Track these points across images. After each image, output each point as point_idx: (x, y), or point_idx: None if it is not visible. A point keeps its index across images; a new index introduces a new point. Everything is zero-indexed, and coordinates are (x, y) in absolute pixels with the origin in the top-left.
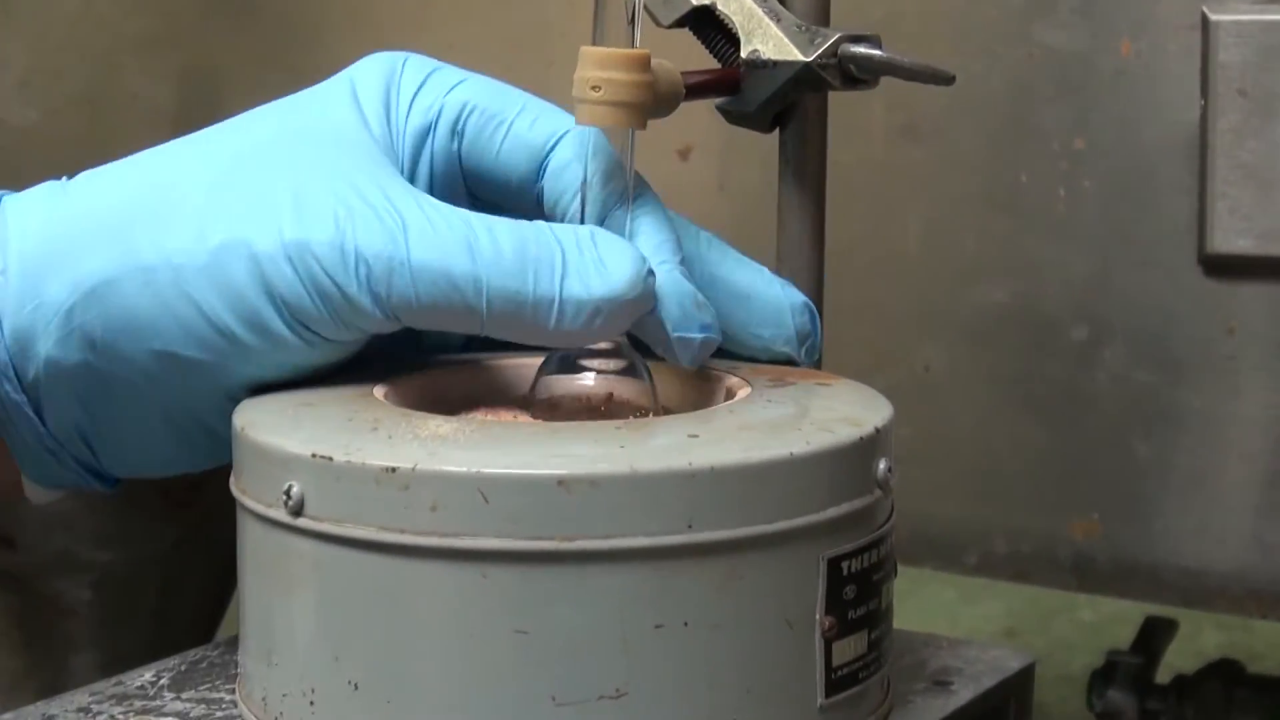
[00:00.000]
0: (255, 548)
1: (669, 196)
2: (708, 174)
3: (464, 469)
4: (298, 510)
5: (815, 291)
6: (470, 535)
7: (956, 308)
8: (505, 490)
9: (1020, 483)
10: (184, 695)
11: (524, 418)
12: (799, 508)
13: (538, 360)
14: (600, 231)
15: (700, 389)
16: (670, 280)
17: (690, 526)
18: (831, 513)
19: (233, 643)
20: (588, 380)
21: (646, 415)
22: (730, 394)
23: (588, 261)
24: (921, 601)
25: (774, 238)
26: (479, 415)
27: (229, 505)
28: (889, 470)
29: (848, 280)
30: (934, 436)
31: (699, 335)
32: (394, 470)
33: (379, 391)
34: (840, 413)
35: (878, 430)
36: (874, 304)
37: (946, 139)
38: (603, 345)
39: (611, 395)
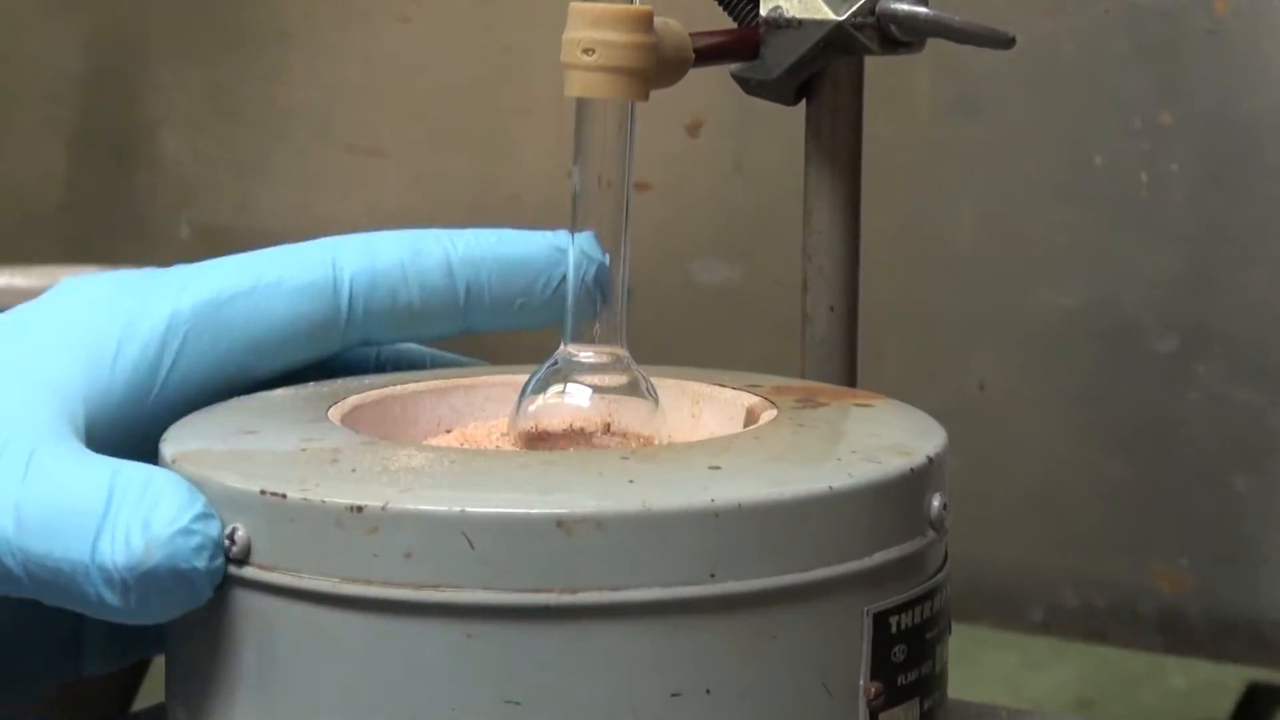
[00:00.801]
0: None
1: (675, 179)
2: (721, 153)
3: (444, 508)
4: (242, 558)
5: (848, 295)
6: (452, 587)
7: (1017, 314)
8: (494, 533)
9: (1095, 523)
10: None
11: (507, 448)
12: (840, 552)
13: (520, 378)
14: (158, 475)
15: (714, 412)
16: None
17: (713, 576)
18: (878, 558)
19: (157, 715)
20: (581, 402)
21: (654, 442)
22: (752, 417)
23: (134, 514)
24: (978, 666)
25: (799, 230)
26: (456, 443)
27: None
28: (944, 508)
29: (888, 281)
30: (990, 468)
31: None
32: (360, 510)
33: (336, 415)
34: (885, 439)
35: (930, 460)
36: (919, 309)
37: (1005, 113)
38: (600, 358)
39: (610, 424)
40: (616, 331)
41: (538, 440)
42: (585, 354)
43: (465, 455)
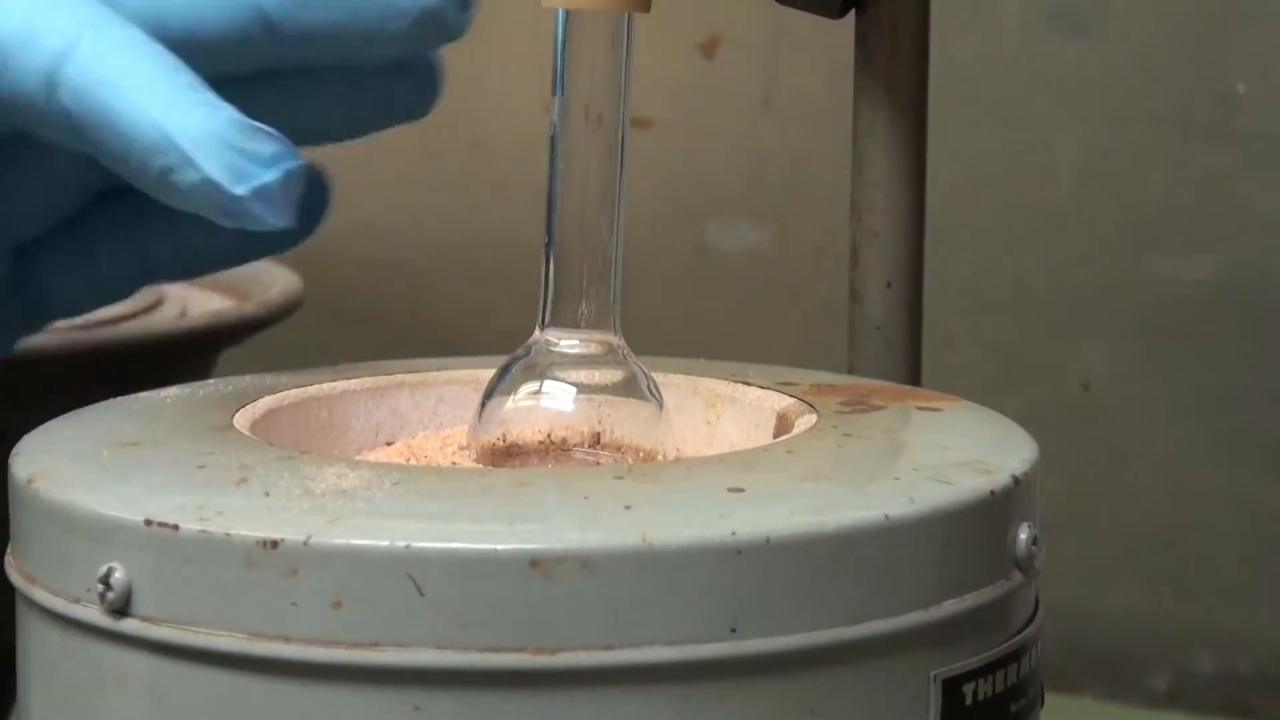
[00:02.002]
0: (50, 663)
1: (685, 113)
2: (745, 80)
3: (384, 543)
4: (121, 607)
5: (910, 267)
6: (395, 646)
7: (1132, 290)
8: (449, 575)
9: (1235, 562)
10: None
11: (464, 464)
12: (899, 601)
13: (483, 373)
14: None
15: (735, 418)
16: (194, 121)
17: (734, 631)
18: (948, 609)
19: None
20: (562, 405)
21: (657, 457)
22: (784, 425)
23: None
24: None
25: (846, 178)
26: (400, 459)
27: (4, 595)
28: (1034, 542)
29: (962, 247)
30: (1097, 491)
31: (271, 175)
32: (275, 545)
33: (243, 421)
34: (957, 453)
35: (1016, 481)
36: (1003, 285)
37: (1119, 29)
38: (587, 348)
39: (600, 433)
40: (608, 313)
41: (506, 455)
42: (568, 342)
43: (411, 474)
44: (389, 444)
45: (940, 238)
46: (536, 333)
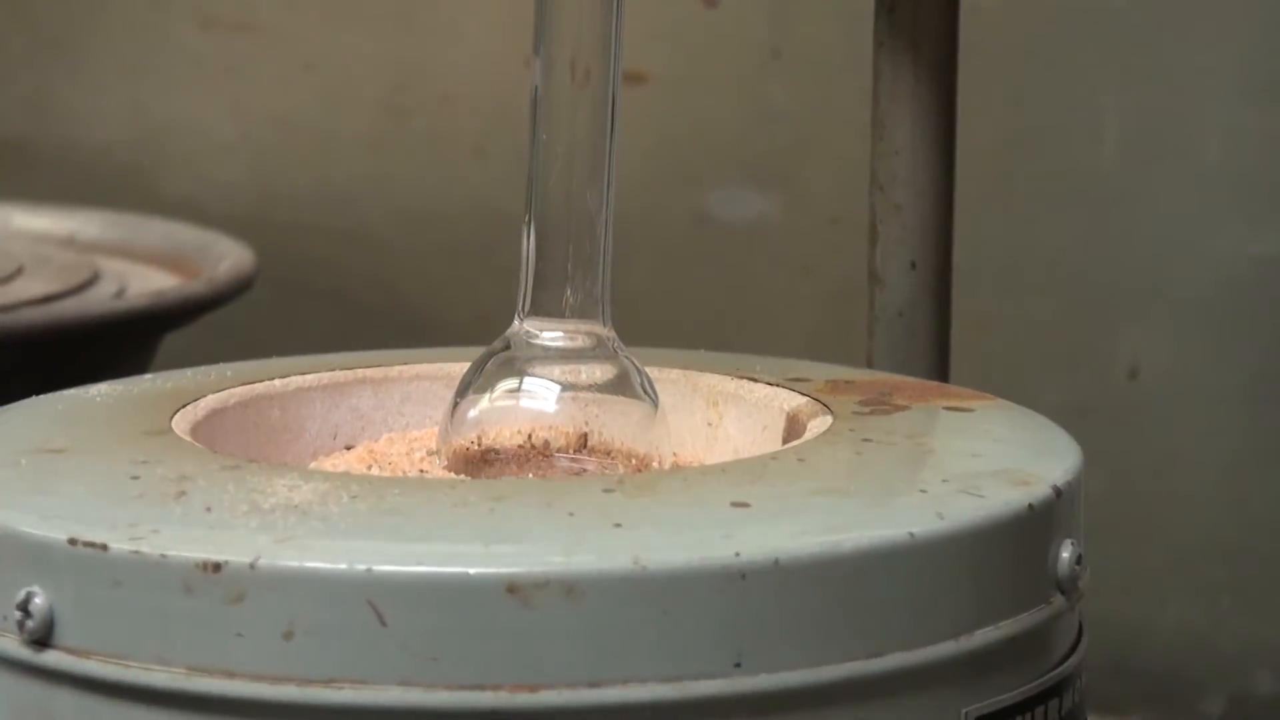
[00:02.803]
0: None
1: (685, 68)
2: (751, 29)
3: (342, 565)
4: (42, 637)
5: (938, 245)
6: (354, 683)
7: (1185, 268)
8: (415, 603)
9: None
10: None
11: (435, 473)
12: (925, 631)
13: (455, 368)
14: None
15: (740, 419)
16: None
17: (739, 666)
18: (981, 639)
19: None
20: (544, 405)
21: (651, 467)
22: (795, 427)
23: None
24: None
25: (863, 141)
26: (357, 468)
27: None
28: (1077, 562)
29: (994, 219)
30: (1145, 493)
31: None
32: (218, 568)
33: (184, 423)
34: (991, 460)
35: (1058, 492)
36: (1040, 261)
37: None
38: (573, 340)
39: (588, 435)
40: (596, 301)
41: (481, 462)
42: (551, 334)
43: (373, 486)
44: (349, 448)
45: (969, 208)
46: (516, 323)
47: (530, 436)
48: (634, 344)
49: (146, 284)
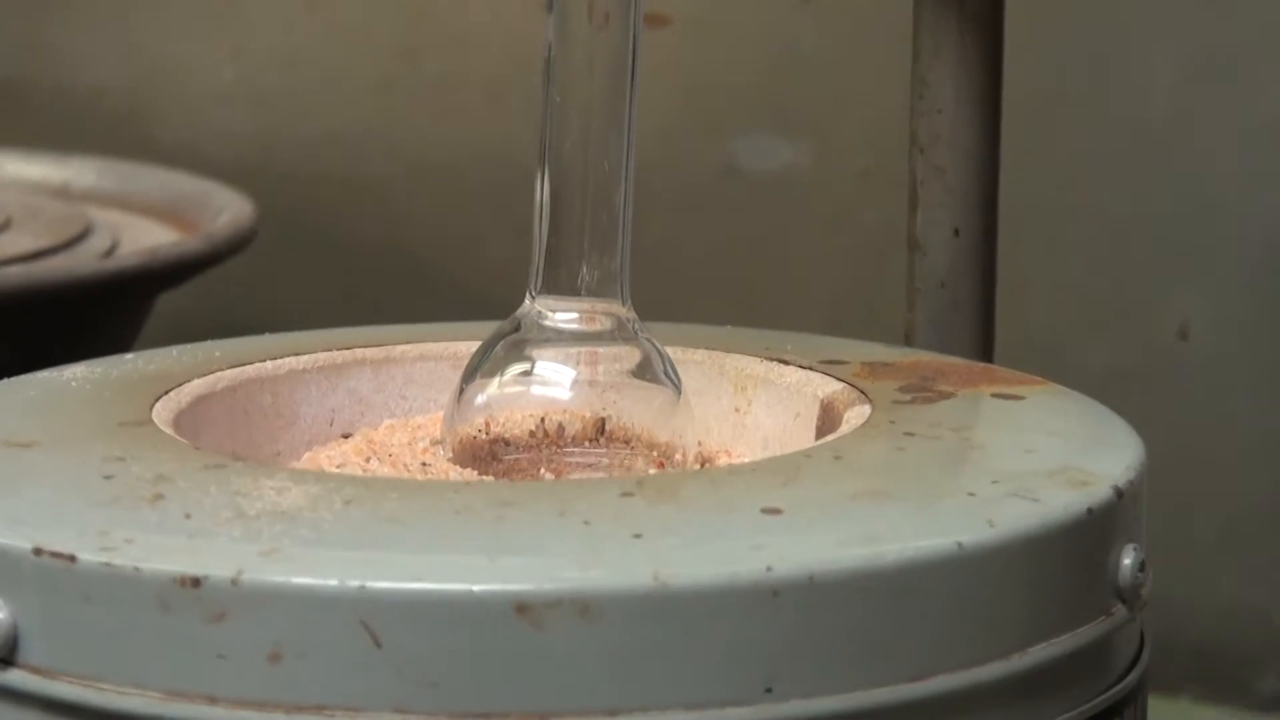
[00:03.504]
0: None
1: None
2: None
3: (333, 581)
4: (5, 655)
5: (983, 210)
6: (346, 710)
7: (1241, 222)
8: (413, 623)
9: None
10: None
11: (439, 465)
12: (975, 650)
13: (463, 347)
14: None
15: (770, 405)
16: None
17: (770, 691)
18: (1035, 657)
19: None
20: (558, 391)
21: (674, 459)
22: (831, 416)
23: None
24: None
25: (897, 86)
26: (355, 459)
27: None
28: (1140, 569)
29: (1036, 172)
30: (1196, 460)
31: None
32: (197, 583)
33: (166, 413)
34: (1045, 457)
35: (1119, 493)
36: (1085, 216)
37: None
38: (590, 323)
39: (605, 420)
40: (614, 278)
41: (489, 454)
42: (565, 315)
43: (369, 490)
44: (346, 436)
45: (1008, 161)
46: (527, 302)
47: (543, 421)
48: (655, 302)
49: (141, 238)
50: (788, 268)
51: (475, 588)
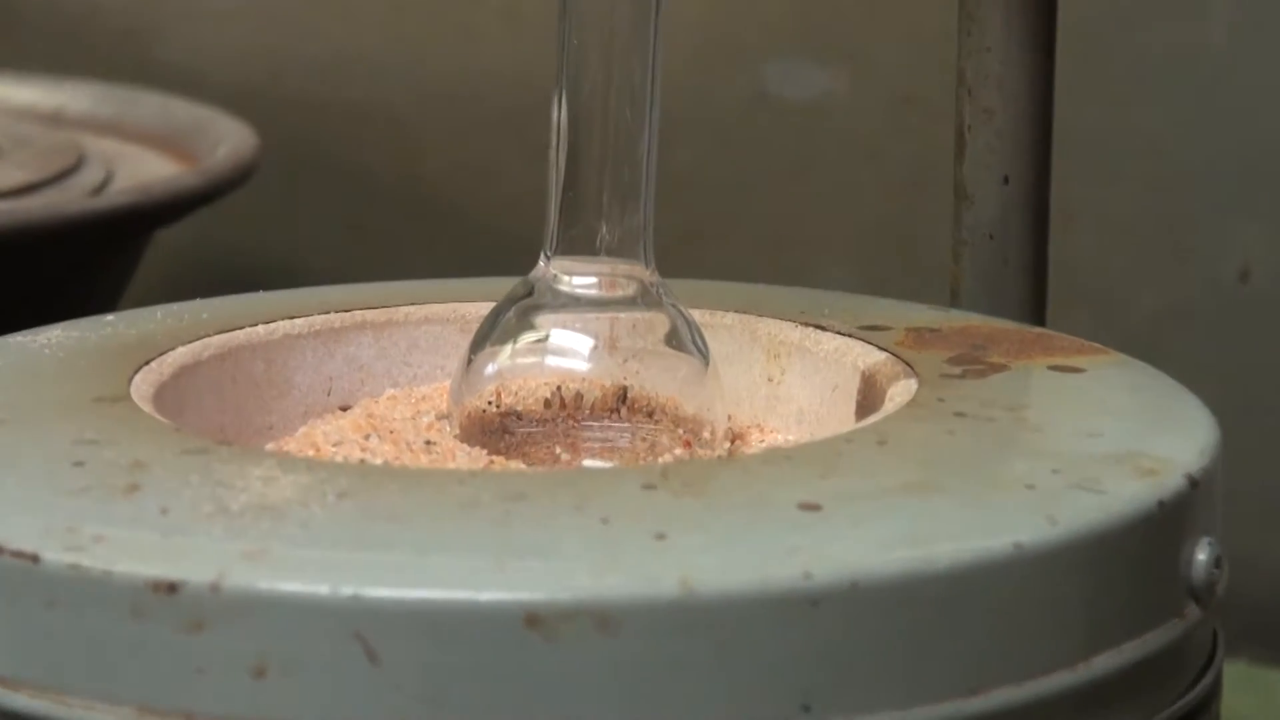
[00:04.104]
0: None
1: None
2: None
3: (324, 589)
4: None
5: (1036, 156)
6: None
7: None
8: (413, 635)
9: None
10: None
11: (444, 443)
12: (1035, 660)
13: (473, 310)
14: None
15: (807, 376)
16: None
17: (808, 710)
18: (1102, 665)
19: None
20: (575, 361)
21: (701, 436)
22: (873, 392)
23: None
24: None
25: (944, 19)
26: (353, 436)
27: None
28: (1216, 565)
29: (1086, 101)
30: (1258, 407)
31: None
32: (173, 589)
33: (146, 385)
34: (1110, 441)
35: (1193, 481)
36: (1138, 147)
37: None
38: (611, 288)
39: (626, 391)
40: (637, 238)
41: (499, 429)
42: (583, 279)
43: (365, 479)
44: (344, 409)
45: (1057, 91)
46: (541, 264)
47: (559, 390)
48: (680, 238)
49: (136, 169)
50: (820, 201)
51: (481, 596)
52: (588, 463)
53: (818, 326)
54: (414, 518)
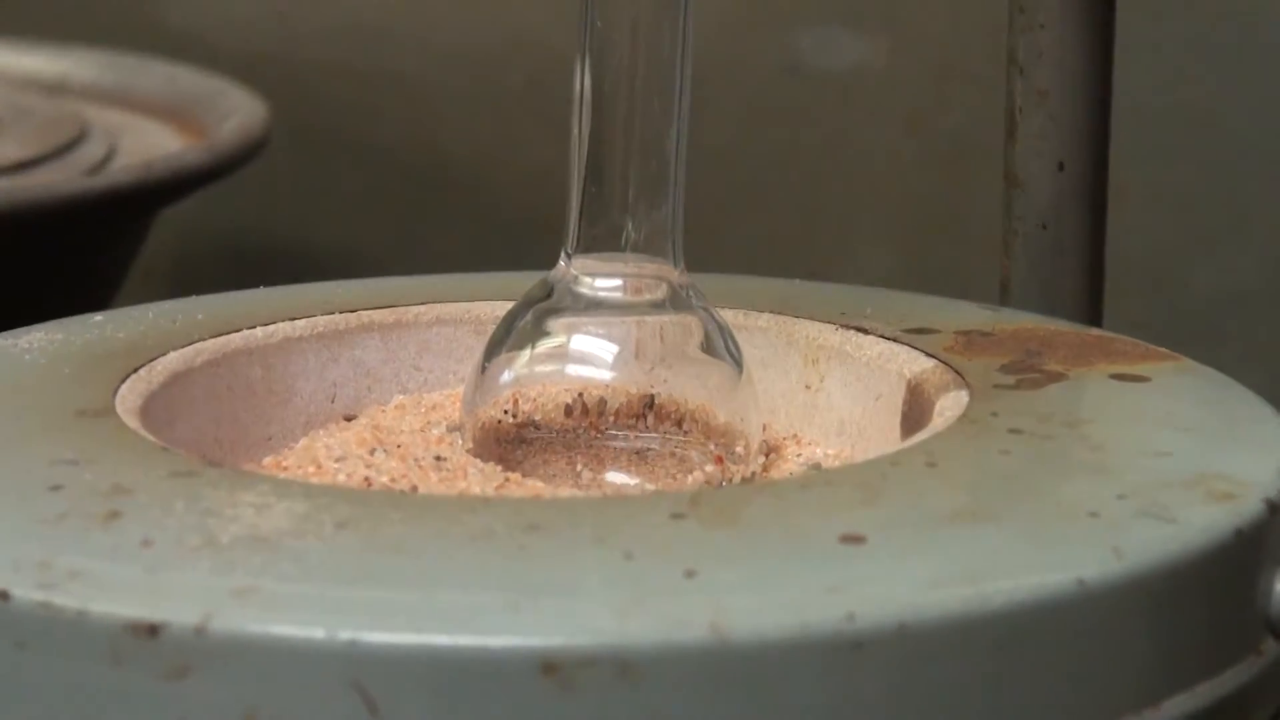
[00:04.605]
0: None
1: None
2: None
3: (319, 633)
4: None
5: (1092, 137)
6: None
7: None
8: (417, 685)
9: None
10: None
11: (455, 459)
12: (1099, 706)
13: (489, 310)
14: None
15: (848, 384)
16: None
17: None
18: (1173, 710)
19: None
20: (598, 370)
21: (735, 450)
22: (921, 402)
23: None
24: None
25: (994, 3)
26: (357, 451)
27: None
28: None
29: (1142, 68)
30: None
31: None
32: (155, 631)
33: (134, 395)
34: (1181, 461)
35: (1272, 507)
36: (1195, 117)
37: None
38: (636, 292)
39: (654, 399)
40: (665, 235)
41: (516, 440)
42: (606, 281)
43: (367, 506)
44: (349, 418)
45: (1133, 71)
46: (561, 264)
47: (581, 396)
48: (711, 215)
49: (141, 143)
50: (856, 175)
51: (493, 642)
52: (611, 475)
53: (859, 329)
54: (419, 551)
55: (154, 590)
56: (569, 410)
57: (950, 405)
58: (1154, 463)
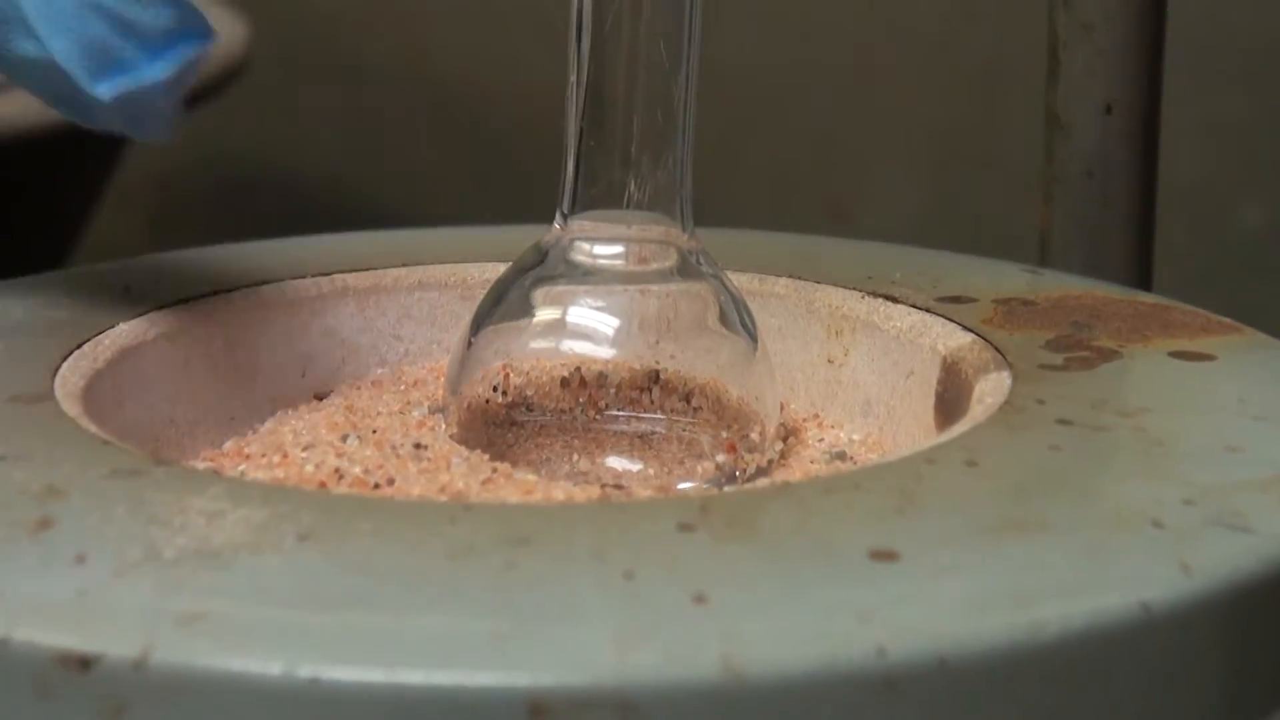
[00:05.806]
0: None
1: None
2: None
3: (274, 669)
4: None
5: (1143, 77)
6: None
7: None
8: None
9: None
10: None
11: (437, 447)
12: None
13: (479, 273)
14: None
15: (874, 359)
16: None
17: None
18: None
19: None
20: (598, 346)
21: (749, 436)
22: (958, 384)
23: None
24: None
25: None
26: (328, 438)
27: None
28: None
29: (1190, 7)
30: None
31: (154, 73)
32: (87, 664)
33: (74, 377)
34: (1254, 457)
35: None
36: (1242, 47)
37: None
38: (641, 260)
39: (658, 373)
40: (673, 194)
41: (506, 423)
42: (606, 246)
43: (334, 513)
44: (320, 396)
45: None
46: (555, 226)
47: (580, 370)
48: (721, 146)
49: None
50: (880, 103)
51: (474, 681)
52: (611, 461)
53: (888, 297)
54: (391, 570)
55: (87, 616)
56: (565, 383)
57: (991, 390)
58: (1224, 460)
